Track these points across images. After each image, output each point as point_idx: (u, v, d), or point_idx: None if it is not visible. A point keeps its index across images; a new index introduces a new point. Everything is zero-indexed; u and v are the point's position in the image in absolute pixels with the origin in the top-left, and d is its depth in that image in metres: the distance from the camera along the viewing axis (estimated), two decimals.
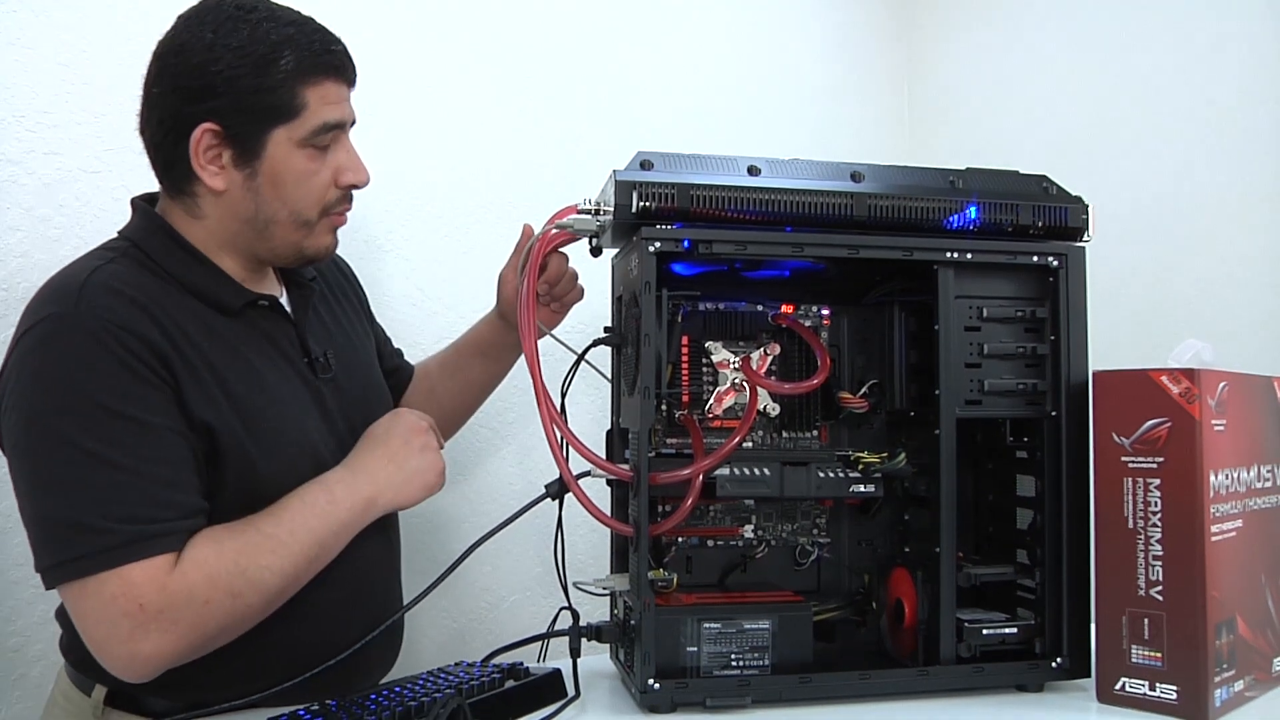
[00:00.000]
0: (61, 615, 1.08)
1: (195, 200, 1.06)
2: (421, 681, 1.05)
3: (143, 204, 1.10)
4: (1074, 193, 1.17)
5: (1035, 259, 1.14)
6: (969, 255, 1.12)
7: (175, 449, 0.97)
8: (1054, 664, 1.14)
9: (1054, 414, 1.15)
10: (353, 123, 1.10)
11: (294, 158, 1.04)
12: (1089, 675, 1.12)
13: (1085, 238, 1.16)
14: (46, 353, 0.95)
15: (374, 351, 1.29)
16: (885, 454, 1.16)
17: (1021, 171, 1.18)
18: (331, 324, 1.20)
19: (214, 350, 1.03)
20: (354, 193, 1.12)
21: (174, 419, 0.98)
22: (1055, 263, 1.15)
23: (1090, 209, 1.16)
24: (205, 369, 1.01)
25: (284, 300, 1.14)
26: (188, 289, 1.04)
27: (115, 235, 1.09)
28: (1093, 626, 1.11)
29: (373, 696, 1.00)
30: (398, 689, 1.03)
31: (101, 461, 0.92)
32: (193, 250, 1.07)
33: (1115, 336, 1.30)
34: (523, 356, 1.17)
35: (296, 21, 1.05)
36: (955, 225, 1.12)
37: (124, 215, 1.12)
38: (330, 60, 1.06)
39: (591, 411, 1.53)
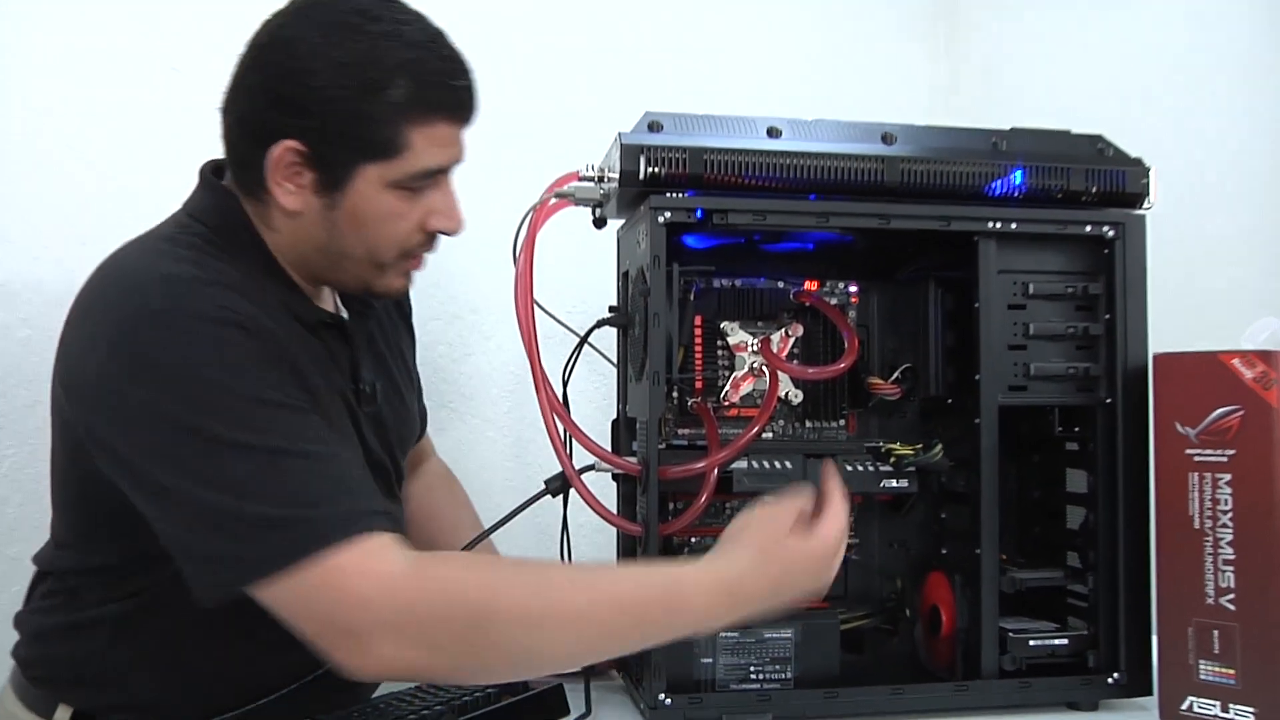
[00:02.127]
0: (23, 621, 1.03)
1: (267, 209, 0.99)
2: (409, 697, 1.02)
3: (222, 187, 1.02)
4: (1133, 154, 1.14)
5: (1088, 229, 1.11)
6: (1013, 225, 1.09)
7: (329, 431, 0.92)
8: (1110, 680, 1.10)
9: (1109, 401, 1.11)
10: (458, 163, 1.01)
11: (382, 198, 0.97)
12: (1150, 693, 1.09)
13: (1146, 204, 1.12)
14: (170, 351, 0.87)
15: (414, 394, 1.24)
16: (919, 445, 1.14)
17: (1074, 131, 1.14)
18: (385, 354, 1.16)
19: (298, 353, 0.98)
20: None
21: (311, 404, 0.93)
22: (1111, 233, 1.11)
23: (1152, 172, 1.12)
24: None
25: (344, 314, 1.09)
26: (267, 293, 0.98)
27: (185, 214, 1.00)
28: (1154, 638, 1.08)
29: (355, 713, 0.97)
30: (383, 705, 1.00)
31: (271, 452, 0.86)
32: (270, 256, 1.00)
33: (1179, 315, 1.24)
34: (519, 338, 1.12)
35: (421, 44, 0.94)
36: (998, 192, 1.09)
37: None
38: (449, 98, 0.96)
39: (595, 400, 1.49)
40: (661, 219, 1.02)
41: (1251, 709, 0.98)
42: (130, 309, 0.89)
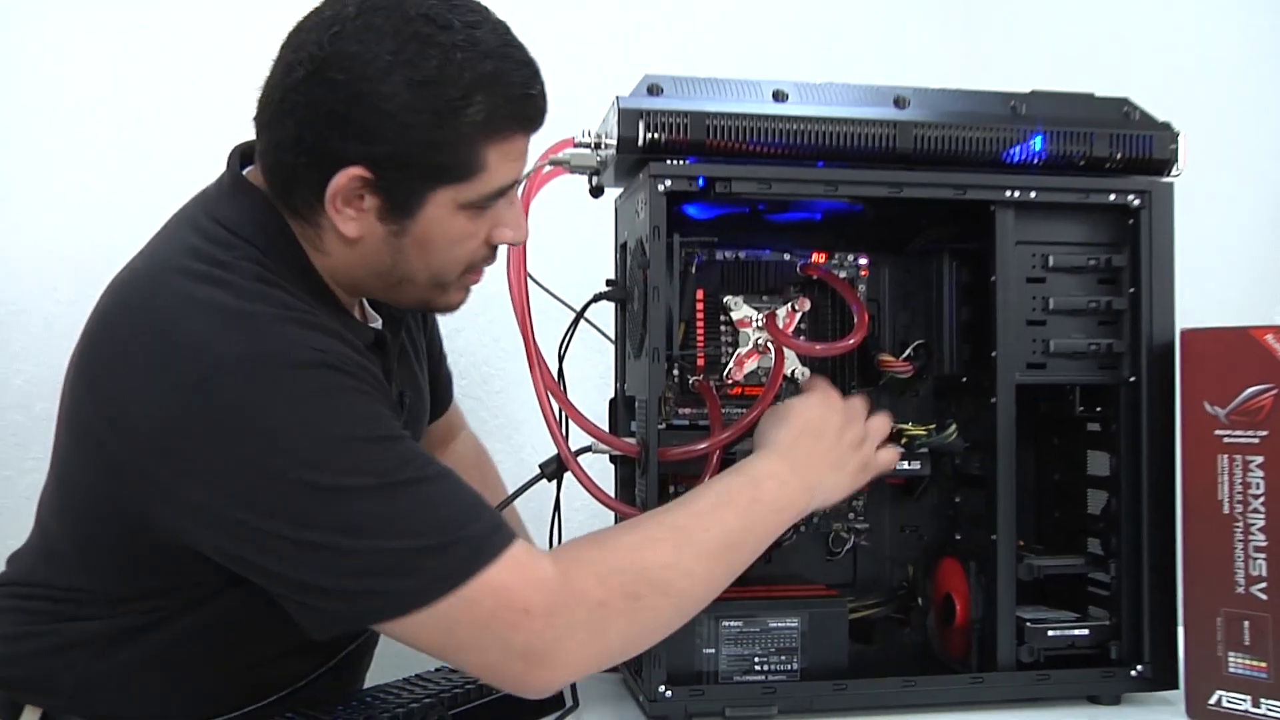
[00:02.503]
0: None
1: (317, 231, 0.93)
2: (397, 690, 1.02)
3: (259, 194, 0.94)
4: (1160, 118, 1.10)
5: (1112, 197, 1.08)
6: (1033, 194, 1.07)
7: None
8: (1133, 672, 1.07)
9: (1132, 380, 1.09)
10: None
11: (453, 221, 0.92)
12: (1176, 687, 1.06)
13: (1174, 171, 1.10)
14: (266, 405, 0.83)
15: (426, 378, 1.22)
16: (933, 426, 1.11)
17: (1097, 94, 1.12)
18: (411, 355, 1.14)
19: None
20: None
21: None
22: (1136, 201, 1.08)
23: (1181, 137, 1.09)
24: None
25: (378, 325, 1.06)
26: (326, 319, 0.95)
27: (216, 224, 0.93)
28: (1180, 629, 1.06)
29: (339, 708, 0.96)
30: (368, 699, 0.99)
31: (396, 486, 0.84)
32: (318, 276, 0.95)
33: (1208, 288, 1.27)
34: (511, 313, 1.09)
35: (497, 53, 0.89)
36: (1017, 158, 1.07)
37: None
38: (527, 110, 0.92)
39: (592, 378, 1.45)
40: (661, 187, 1.00)
41: None
42: (203, 353, 0.83)
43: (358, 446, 0.84)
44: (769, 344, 1.12)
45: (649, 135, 1.00)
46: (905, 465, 1.09)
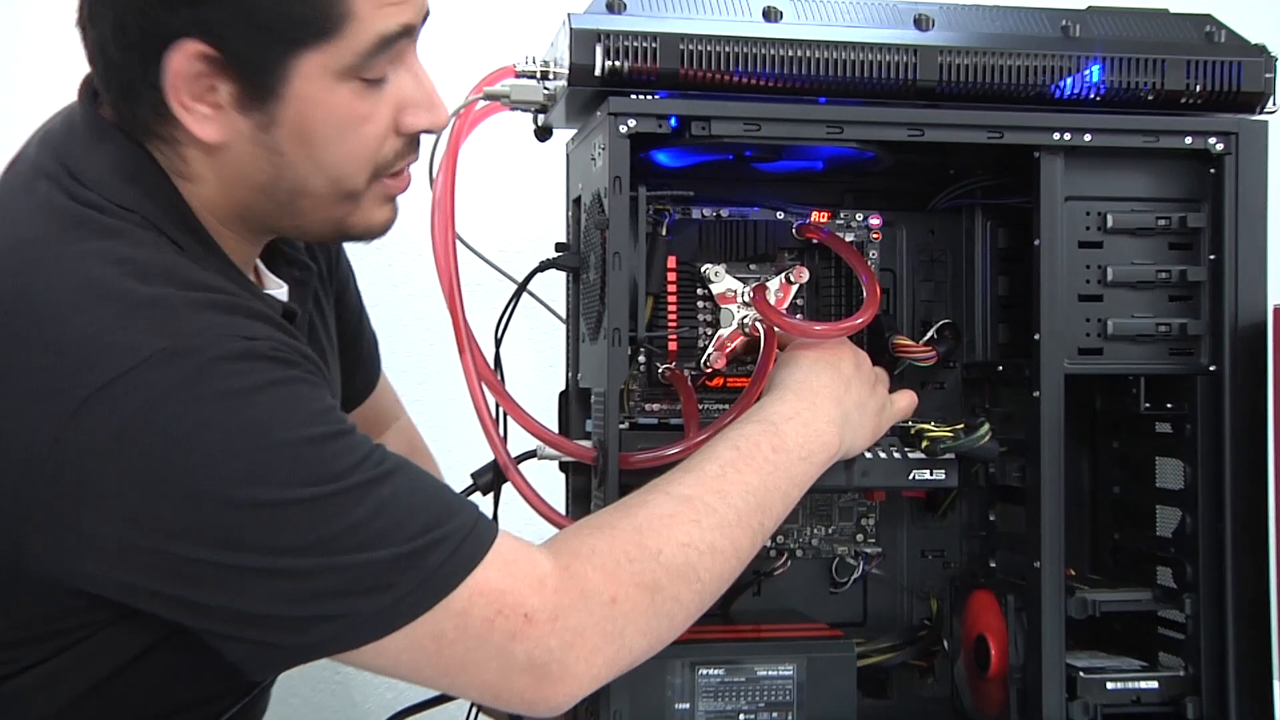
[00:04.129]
0: None
1: (176, 151, 0.86)
2: None
3: (121, 135, 0.87)
4: (1253, 39, 1.03)
5: (1189, 140, 1.01)
6: (1088, 136, 1.00)
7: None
8: None
9: (1213, 369, 1.02)
10: (424, 19, 0.90)
11: (334, 97, 0.85)
12: None
13: (1269, 107, 1.02)
14: (193, 412, 0.79)
15: (336, 356, 1.19)
16: (960, 426, 1.04)
17: (1173, 10, 1.06)
18: (319, 327, 1.10)
19: None
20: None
21: None
22: (1220, 146, 1.01)
23: (1278, 64, 1.02)
24: None
25: (283, 295, 1.02)
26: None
27: (77, 181, 0.86)
28: (1276, 683, 0.99)
29: None
30: None
31: (350, 490, 0.81)
32: (200, 231, 0.88)
33: None
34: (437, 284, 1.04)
35: None
36: (1069, 92, 1.01)
37: None
38: None
39: (538, 366, 1.44)
40: (624, 128, 0.94)
41: None
42: (103, 351, 0.79)
43: (304, 449, 0.81)
44: (757, 324, 1.06)
45: (608, 63, 0.94)
46: (927, 475, 1.02)
